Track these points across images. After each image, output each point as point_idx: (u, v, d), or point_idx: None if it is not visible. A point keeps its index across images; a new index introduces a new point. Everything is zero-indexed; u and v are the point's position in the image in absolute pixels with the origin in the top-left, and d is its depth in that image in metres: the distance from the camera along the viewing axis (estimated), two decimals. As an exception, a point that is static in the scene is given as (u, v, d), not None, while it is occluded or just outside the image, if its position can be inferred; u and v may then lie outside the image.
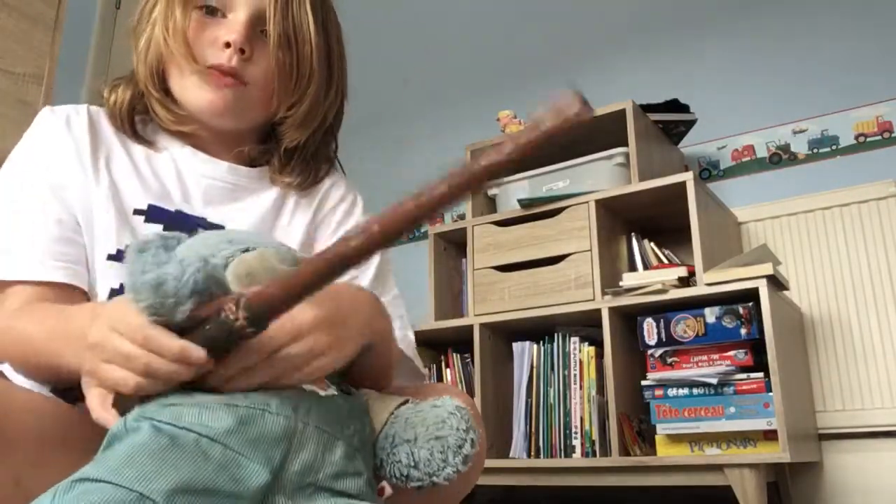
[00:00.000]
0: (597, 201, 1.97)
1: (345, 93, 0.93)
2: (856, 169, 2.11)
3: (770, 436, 1.60)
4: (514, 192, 2.19)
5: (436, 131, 2.88)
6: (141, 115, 0.87)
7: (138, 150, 0.85)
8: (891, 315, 1.93)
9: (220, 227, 0.83)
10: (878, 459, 1.87)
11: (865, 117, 2.15)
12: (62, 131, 0.82)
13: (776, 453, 1.57)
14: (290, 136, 0.88)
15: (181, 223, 0.81)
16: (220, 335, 0.54)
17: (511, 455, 1.95)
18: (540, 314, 1.95)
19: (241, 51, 0.80)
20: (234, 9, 0.81)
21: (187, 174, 0.86)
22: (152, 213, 0.81)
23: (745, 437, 1.64)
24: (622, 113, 2.03)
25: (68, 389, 0.75)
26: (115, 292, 0.77)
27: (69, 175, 0.80)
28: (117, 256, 0.78)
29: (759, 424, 1.61)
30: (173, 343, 0.53)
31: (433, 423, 0.60)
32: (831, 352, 1.97)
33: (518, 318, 1.99)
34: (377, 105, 3.07)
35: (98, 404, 0.57)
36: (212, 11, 0.81)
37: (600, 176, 2.05)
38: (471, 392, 2.04)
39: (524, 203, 2.08)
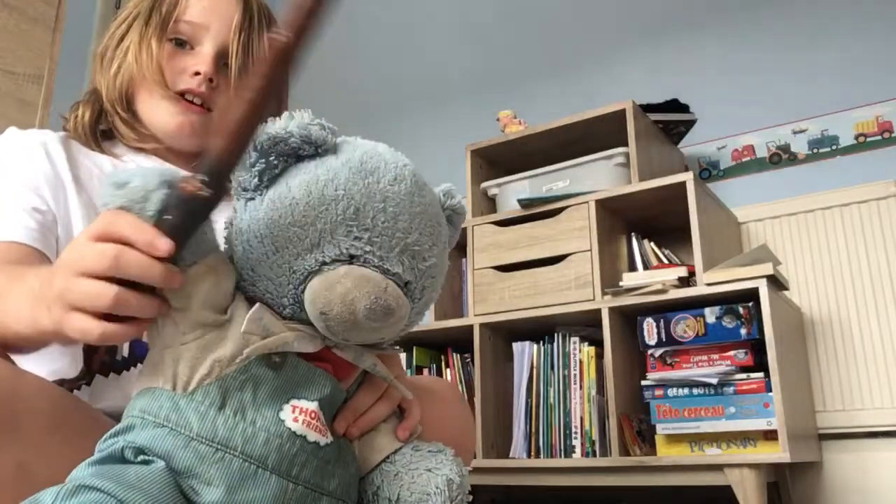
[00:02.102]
0: (597, 201, 1.97)
1: None
2: (856, 169, 2.11)
3: (770, 436, 1.60)
4: (514, 192, 2.19)
5: (436, 131, 2.88)
6: (103, 131, 0.93)
7: (105, 160, 0.91)
8: (891, 315, 1.93)
9: None
10: (878, 459, 1.87)
11: (865, 117, 2.15)
12: (39, 151, 0.86)
13: (776, 453, 1.57)
14: None
15: None
16: (182, 214, 0.52)
17: (511, 455, 1.95)
18: (540, 314, 1.95)
19: (210, 80, 0.89)
20: (201, 42, 0.91)
21: None
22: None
23: (745, 437, 1.64)
24: (622, 113, 2.03)
25: (68, 379, 0.76)
26: None
27: (44, 180, 0.84)
28: None
29: (759, 424, 1.61)
30: (142, 226, 0.51)
31: (418, 493, 0.60)
32: (831, 352, 1.97)
33: (518, 318, 1.99)
34: (377, 105, 3.07)
35: (84, 321, 0.53)
36: (181, 44, 0.91)
37: (600, 176, 2.05)
38: (471, 392, 2.04)
39: (524, 203, 2.08)
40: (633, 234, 2.06)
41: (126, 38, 0.92)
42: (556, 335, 1.97)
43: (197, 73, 0.89)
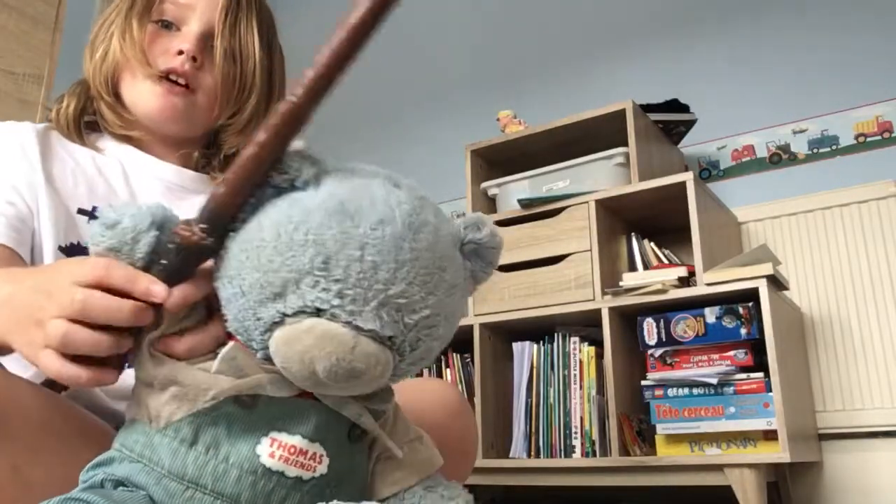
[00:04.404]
0: (597, 201, 1.97)
1: None
2: (856, 169, 2.11)
3: (770, 436, 1.60)
4: (514, 192, 2.19)
5: (436, 131, 2.88)
6: (88, 121, 0.93)
7: (84, 153, 0.90)
8: (891, 315, 1.93)
9: None
10: (878, 459, 1.87)
11: (865, 117, 2.15)
12: (15, 150, 0.86)
13: (776, 453, 1.57)
14: (230, 142, 0.95)
15: None
16: (176, 260, 0.52)
17: (511, 455, 1.95)
18: (540, 314, 1.95)
19: (194, 59, 0.88)
20: (187, 23, 0.90)
21: (133, 174, 0.91)
22: (97, 214, 0.85)
23: (745, 437, 1.64)
24: (622, 113, 2.03)
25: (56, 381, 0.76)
26: None
27: (21, 175, 0.83)
28: (67, 250, 0.82)
29: (759, 424, 1.61)
30: (135, 275, 0.51)
31: None
32: (831, 352, 1.97)
33: (518, 318, 1.99)
34: (377, 105, 3.07)
35: (57, 361, 0.53)
36: (167, 25, 0.90)
37: (600, 176, 2.05)
38: (471, 392, 2.04)
39: (524, 203, 2.08)
40: (633, 234, 2.06)
41: (113, 23, 0.91)
42: (556, 335, 1.97)
43: (180, 53, 0.88)
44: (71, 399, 0.71)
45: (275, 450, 0.53)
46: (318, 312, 0.50)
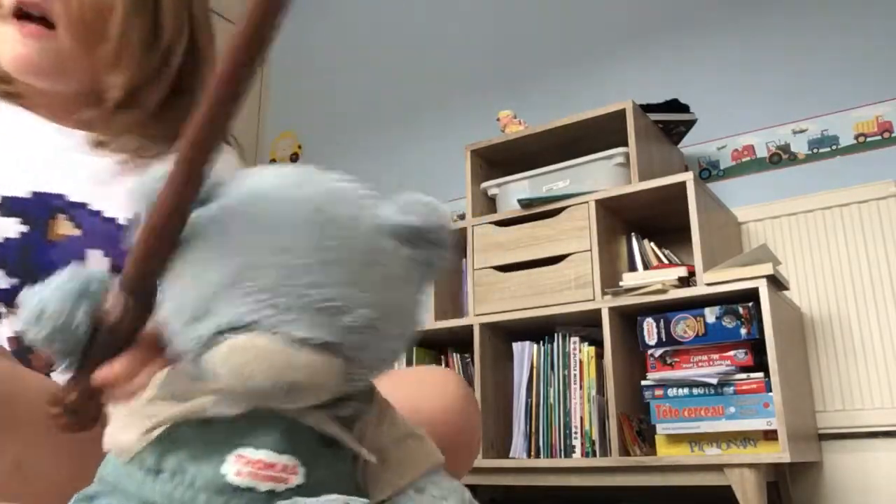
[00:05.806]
0: (597, 201, 1.97)
1: (196, 43, 0.83)
2: (856, 169, 2.11)
3: (770, 436, 1.60)
4: (514, 192, 2.19)
5: (436, 131, 2.88)
6: None
7: None
8: (891, 315, 1.93)
9: (81, 205, 0.76)
10: (878, 459, 1.87)
11: (865, 117, 2.15)
12: None
13: (776, 453, 1.57)
14: (114, 93, 0.79)
15: (39, 207, 0.75)
16: (114, 335, 0.50)
17: (511, 455, 1.95)
18: (540, 314, 1.95)
19: None
20: None
21: (37, 147, 0.79)
22: (7, 205, 0.74)
23: (745, 437, 1.64)
24: (622, 113, 2.03)
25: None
26: None
27: None
28: None
29: (759, 424, 1.61)
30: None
31: None
32: (831, 352, 1.97)
33: (518, 318, 1.99)
34: (377, 105, 3.07)
35: None
36: None
37: (600, 176, 2.05)
38: (471, 392, 2.04)
39: (524, 203, 2.08)
40: (633, 234, 2.06)
41: None
42: (556, 335, 1.97)
43: None
44: None
45: (241, 467, 0.50)
46: (249, 326, 0.47)
